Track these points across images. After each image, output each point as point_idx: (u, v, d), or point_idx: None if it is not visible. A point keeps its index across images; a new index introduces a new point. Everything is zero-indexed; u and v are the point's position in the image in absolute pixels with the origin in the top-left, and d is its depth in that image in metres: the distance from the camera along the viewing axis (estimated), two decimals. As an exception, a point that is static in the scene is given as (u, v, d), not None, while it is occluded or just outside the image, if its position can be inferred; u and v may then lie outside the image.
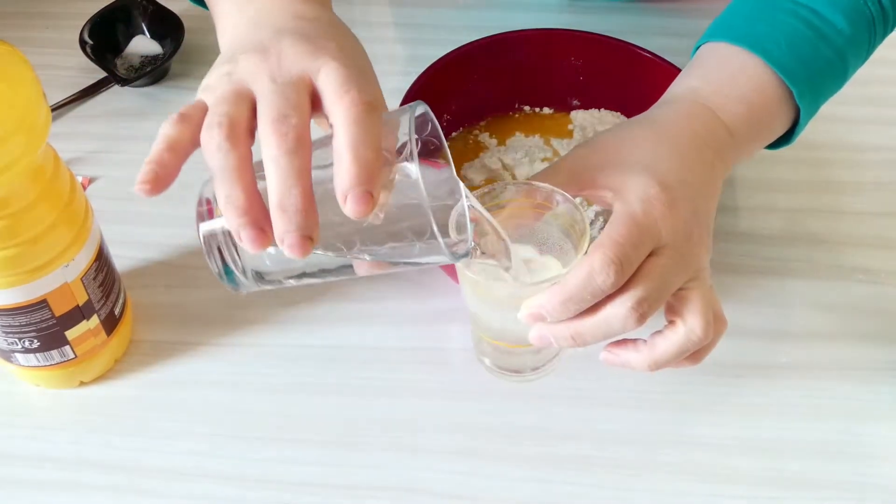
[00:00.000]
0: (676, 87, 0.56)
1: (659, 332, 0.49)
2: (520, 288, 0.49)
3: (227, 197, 0.41)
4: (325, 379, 0.62)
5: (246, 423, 0.60)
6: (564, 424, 0.59)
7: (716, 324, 0.49)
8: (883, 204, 0.72)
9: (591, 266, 0.45)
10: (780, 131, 0.58)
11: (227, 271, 0.47)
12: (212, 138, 0.42)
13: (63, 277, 0.54)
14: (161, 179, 0.42)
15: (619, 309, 0.46)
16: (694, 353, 0.49)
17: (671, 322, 0.49)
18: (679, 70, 0.61)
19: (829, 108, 0.81)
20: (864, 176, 0.74)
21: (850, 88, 0.82)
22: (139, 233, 0.70)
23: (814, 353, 0.63)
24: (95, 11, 0.84)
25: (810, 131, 0.77)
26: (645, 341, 0.49)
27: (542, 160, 0.69)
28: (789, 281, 0.67)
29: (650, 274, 0.46)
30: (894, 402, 0.60)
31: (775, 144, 0.59)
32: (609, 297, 0.46)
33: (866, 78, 0.81)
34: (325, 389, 0.61)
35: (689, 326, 0.48)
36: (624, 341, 0.50)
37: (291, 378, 0.62)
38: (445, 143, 0.47)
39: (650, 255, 0.47)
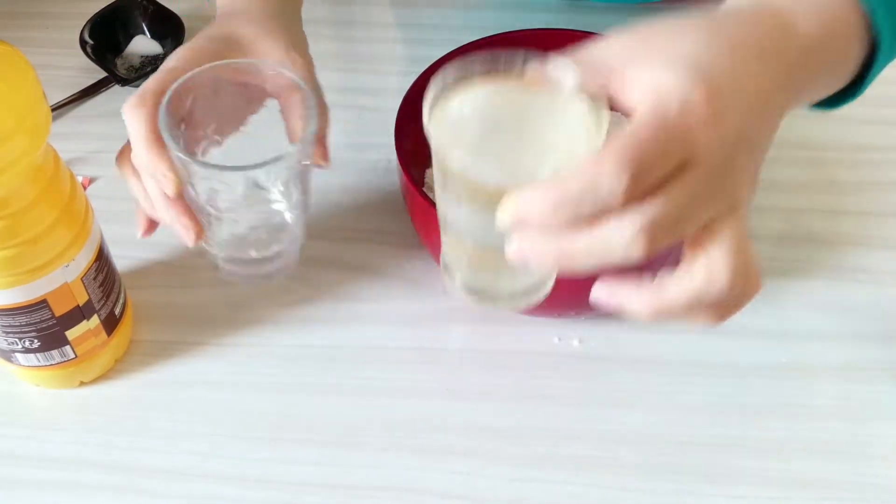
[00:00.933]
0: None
1: (671, 271, 0.39)
2: (505, 179, 0.37)
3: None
4: (325, 379, 0.62)
5: (246, 423, 0.60)
6: (564, 424, 0.59)
7: (747, 280, 0.38)
8: (883, 204, 0.72)
9: (599, 166, 0.35)
10: (849, 68, 0.45)
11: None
12: None
13: (63, 277, 0.54)
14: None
15: (624, 230, 0.35)
16: (714, 308, 0.39)
17: (690, 259, 0.38)
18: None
19: (829, 108, 0.80)
20: (864, 176, 0.74)
21: (850, 88, 0.82)
22: (139, 233, 0.70)
23: (814, 353, 0.63)
24: (95, 11, 0.84)
25: (810, 131, 0.77)
26: (652, 281, 0.39)
27: (543, 160, 0.69)
28: (789, 281, 0.67)
29: (672, 192, 0.36)
30: (894, 402, 0.60)
31: (834, 102, 0.48)
32: (614, 214, 0.36)
33: (866, 78, 0.81)
34: (325, 389, 0.61)
35: (712, 268, 0.37)
36: (625, 277, 0.40)
37: (291, 378, 0.62)
38: None
39: (676, 170, 0.36)
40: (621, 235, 0.36)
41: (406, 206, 0.63)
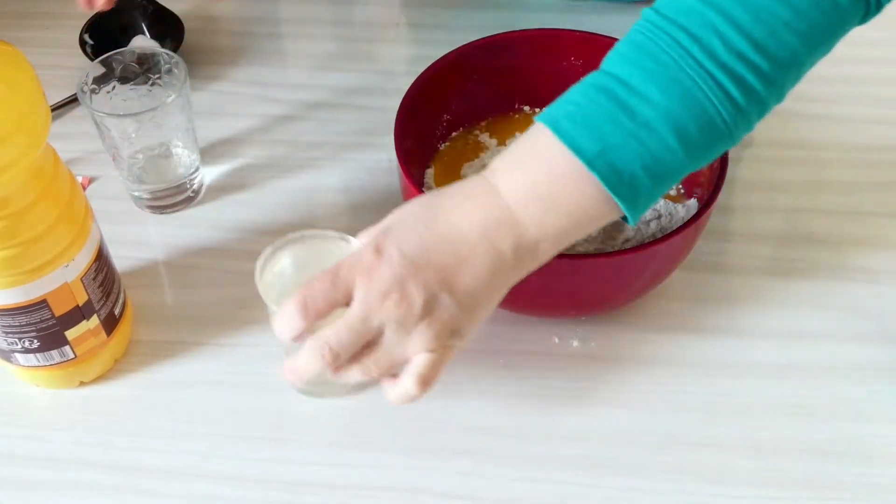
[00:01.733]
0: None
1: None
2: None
3: None
4: (325, 379, 0.62)
5: (246, 423, 0.60)
6: (564, 424, 0.59)
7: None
8: (883, 204, 0.72)
9: (283, 309, 0.49)
10: (591, 209, 0.49)
11: None
12: None
13: (63, 277, 0.54)
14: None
15: (307, 351, 0.49)
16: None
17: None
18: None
19: (829, 108, 0.81)
20: (865, 176, 0.74)
21: (849, 88, 0.83)
22: (139, 233, 0.70)
23: (814, 353, 0.63)
24: (95, 11, 0.84)
25: (810, 131, 0.77)
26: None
27: (542, 160, 0.69)
28: (789, 281, 0.67)
29: (337, 323, 0.48)
30: (894, 402, 0.61)
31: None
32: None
33: (865, 78, 0.82)
34: (325, 389, 0.61)
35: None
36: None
37: (291, 378, 0.62)
38: None
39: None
40: (306, 355, 0.49)
41: (406, 206, 0.63)
